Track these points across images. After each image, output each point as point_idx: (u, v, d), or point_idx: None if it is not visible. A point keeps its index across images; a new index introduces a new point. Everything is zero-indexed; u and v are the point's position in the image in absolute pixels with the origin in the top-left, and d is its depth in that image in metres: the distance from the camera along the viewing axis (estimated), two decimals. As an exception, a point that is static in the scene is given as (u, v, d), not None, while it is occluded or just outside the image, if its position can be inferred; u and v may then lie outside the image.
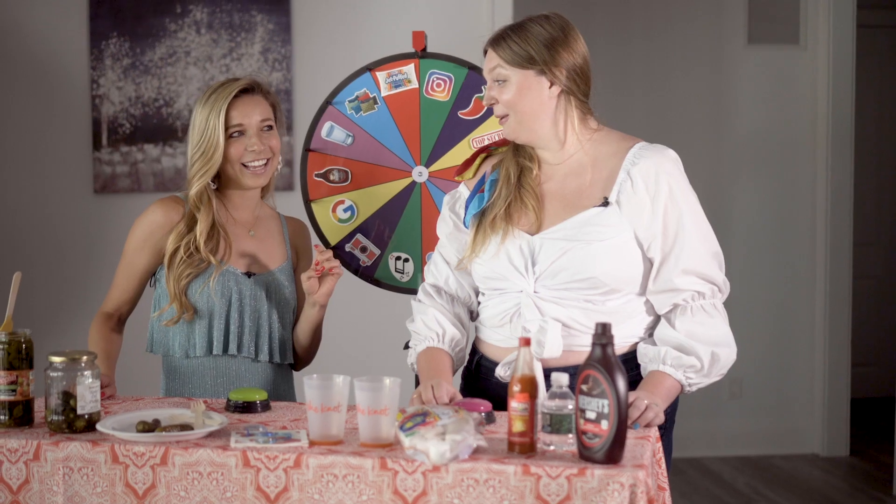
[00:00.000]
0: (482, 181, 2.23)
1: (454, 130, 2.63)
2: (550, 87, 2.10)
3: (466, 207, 2.22)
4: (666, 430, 2.11)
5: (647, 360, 2.08)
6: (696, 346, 2.04)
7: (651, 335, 2.14)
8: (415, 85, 2.64)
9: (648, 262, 2.09)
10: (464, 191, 2.28)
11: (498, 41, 2.13)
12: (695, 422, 4.81)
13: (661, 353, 2.05)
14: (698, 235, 2.08)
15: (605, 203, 2.08)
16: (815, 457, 4.89)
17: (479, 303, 2.25)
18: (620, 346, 2.09)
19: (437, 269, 2.27)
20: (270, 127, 2.40)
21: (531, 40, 2.09)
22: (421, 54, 2.64)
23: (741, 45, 4.86)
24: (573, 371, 1.97)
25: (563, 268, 2.06)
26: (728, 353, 2.08)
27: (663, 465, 1.92)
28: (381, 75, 2.64)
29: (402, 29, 3.83)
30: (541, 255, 2.08)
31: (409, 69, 2.64)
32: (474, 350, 2.26)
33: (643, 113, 4.79)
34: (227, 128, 2.34)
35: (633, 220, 2.07)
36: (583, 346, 2.05)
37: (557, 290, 2.07)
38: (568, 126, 2.14)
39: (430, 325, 2.21)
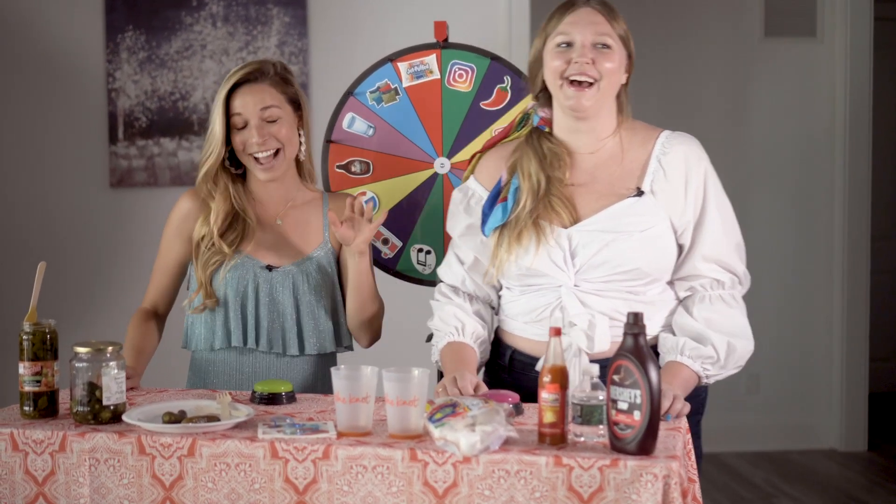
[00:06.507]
0: (499, 185, 2.15)
1: (476, 121, 2.61)
2: (625, 74, 2.11)
3: (485, 215, 2.14)
4: (694, 426, 2.11)
5: (666, 349, 2.07)
6: (713, 336, 2.03)
7: None
8: (436, 75, 2.62)
9: (680, 249, 2.09)
10: (476, 188, 2.21)
11: (612, 11, 2.08)
12: (712, 417, 4.76)
13: (679, 343, 2.04)
14: (722, 224, 2.09)
15: (640, 193, 2.06)
16: (832, 452, 4.86)
17: (499, 296, 2.21)
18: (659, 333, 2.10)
19: (452, 271, 2.23)
20: (277, 117, 2.31)
21: (627, 27, 2.10)
22: (443, 44, 2.62)
23: (758, 38, 4.83)
24: None
25: (606, 260, 2.03)
26: (745, 344, 2.07)
27: (693, 457, 1.90)
28: (402, 66, 2.63)
29: (419, 19, 3.81)
30: (580, 247, 2.04)
31: (431, 59, 2.62)
32: (504, 345, 2.20)
33: (659, 106, 4.76)
34: (230, 117, 2.31)
35: (669, 208, 2.06)
36: None
37: (599, 283, 2.04)
38: (617, 113, 2.13)
39: (448, 320, 2.18)
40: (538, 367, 2.07)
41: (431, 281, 2.65)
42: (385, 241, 2.64)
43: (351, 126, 2.64)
